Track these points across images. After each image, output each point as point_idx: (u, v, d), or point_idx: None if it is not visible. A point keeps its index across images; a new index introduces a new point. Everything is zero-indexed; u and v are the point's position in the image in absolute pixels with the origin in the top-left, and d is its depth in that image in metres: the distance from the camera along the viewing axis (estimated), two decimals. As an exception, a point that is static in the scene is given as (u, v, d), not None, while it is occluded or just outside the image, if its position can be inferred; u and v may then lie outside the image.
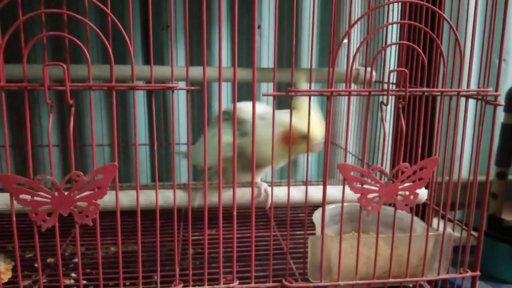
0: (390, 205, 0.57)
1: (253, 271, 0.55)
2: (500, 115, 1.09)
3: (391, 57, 0.89)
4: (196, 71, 0.78)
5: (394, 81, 0.82)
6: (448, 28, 0.52)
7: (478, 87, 0.55)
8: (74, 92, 0.45)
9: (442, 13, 0.52)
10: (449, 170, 0.57)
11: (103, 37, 0.44)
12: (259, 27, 1.14)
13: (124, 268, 0.52)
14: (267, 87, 1.13)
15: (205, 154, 0.50)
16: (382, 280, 0.57)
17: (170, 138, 1.14)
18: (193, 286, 0.53)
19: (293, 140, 0.63)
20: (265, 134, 0.58)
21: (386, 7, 0.58)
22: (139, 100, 1.12)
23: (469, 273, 0.59)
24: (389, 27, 0.76)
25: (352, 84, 0.92)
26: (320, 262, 0.54)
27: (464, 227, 0.60)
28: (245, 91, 1.10)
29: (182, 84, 0.49)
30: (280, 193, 0.84)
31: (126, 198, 0.75)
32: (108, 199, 0.49)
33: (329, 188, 0.58)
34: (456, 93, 0.54)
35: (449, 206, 0.57)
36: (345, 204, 0.53)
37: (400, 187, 0.52)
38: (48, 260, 0.76)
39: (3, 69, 0.44)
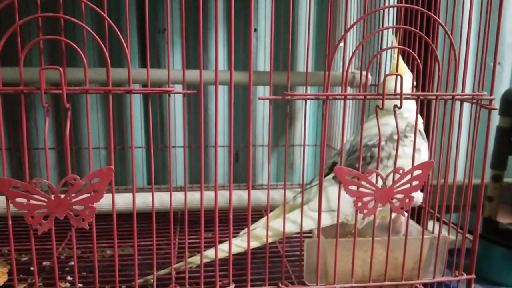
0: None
1: (249, 274, 0.55)
2: (495, 119, 1.09)
3: (387, 61, 0.89)
4: (192, 74, 0.78)
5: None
6: (443, 32, 0.52)
7: (473, 91, 0.56)
8: (70, 96, 0.45)
9: (437, 18, 0.52)
10: (445, 173, 0.57)
11: (99, 41, 0.44)
12: (255, 30, 1.14)
13: (120, 271, 0.52)
14: (263, 91, 1.14)
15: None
16: (378, 283, 0.57)
17: (167, 141, 1.14)
18: (189, 289, 0.53)
19: None
20: None
21: (381, 11, 0.59)
22: (136, 103, 1.12)
23: (465, 276, 0.60)
24: (385, 31, 0.77)
25: (348, 88, 0.92)
26: (316, 265, 0.55)
27: (459, 230, 0.61)
28: (242, 95, 1.10)
29: (178, 87, 0.49)
30: (276, 196, 0.84)
31: (122, 201, 0.76)
32: (104, 202, 0.49)
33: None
34: (451, 97, 0.54)
35: (444, 209, 0.58)
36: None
37: (395, 190, 0.52)
38: (44, 263, 0.76)
39: (-1, 73, 0.44)
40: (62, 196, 0.46)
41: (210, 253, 0.56)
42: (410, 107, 0.61)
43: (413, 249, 0.56)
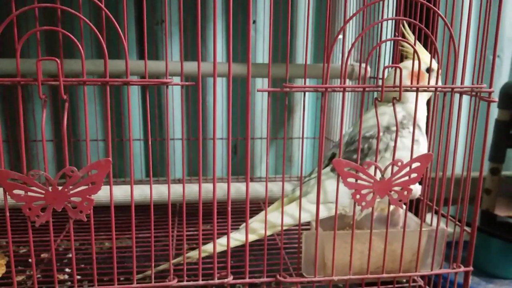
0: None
1: (247, 266, 0.55)
2: (494, 111, 1.09)
3: (386, 53, 0.89)
4: (190, 66, 0.78)
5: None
6: (442, 24, 0.52)
7: (472, 84, 0.56)
8: (68, 87, 0.45)
9: (436, 9, 0.52)
10: (443, 166, 0.57)
11: (97, 32, 0.44)
12: (254, 22, 1.14)
13: (118, 263, 0.52)
14: (262, 83, 1.13)
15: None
16: (376, 275, 0.57)
17: (165, 133, 1.14)
18: (187, 281, 0.53)
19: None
20: None
21: (381, 3, 0.58)
22: (134, 95, 1.12)
23: (462, 268, 0.60)
24: (384, 23, 0.76)
25: (347, 80, 0.92)
26: (314, 257, 0.55)
27: (457, 222, 0.61)
28: (240, 87, 1.10)
29: (176, 79, 0.49)
30: (274, 188, 0.85)
31: (121, 193, 0.76)
32: (102, 194, 0.49)
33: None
34: (450, 89, 0.54)
35: (442, 202, 0.58)
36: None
37: (394, 182, 0.52)
38: (42, 255, 0.76)
39: (-4, 64, 0.44)
40: (60, 188, 0.46)
41: (208, 247, 0.56)
42: (410, 98, 0.61)
43: (411, 241, 0.57)
